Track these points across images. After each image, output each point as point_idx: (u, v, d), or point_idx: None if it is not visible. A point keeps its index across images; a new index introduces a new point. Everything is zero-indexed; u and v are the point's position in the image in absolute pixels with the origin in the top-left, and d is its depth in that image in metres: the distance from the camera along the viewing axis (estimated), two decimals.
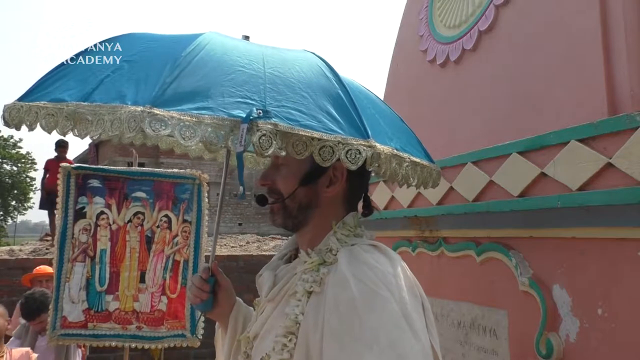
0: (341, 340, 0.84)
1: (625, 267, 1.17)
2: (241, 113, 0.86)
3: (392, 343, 0.82)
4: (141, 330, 3.02)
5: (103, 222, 3.07)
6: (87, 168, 3.15)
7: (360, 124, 0.95)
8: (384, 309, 0.86)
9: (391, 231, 2.14)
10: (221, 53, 0.98)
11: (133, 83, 0.90)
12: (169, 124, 0.83)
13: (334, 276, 0.93)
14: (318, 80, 1.00)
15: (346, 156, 0.90)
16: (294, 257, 1.09)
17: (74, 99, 0.90)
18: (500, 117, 1.69)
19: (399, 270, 0.94)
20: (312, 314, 0.92)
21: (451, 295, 1.77)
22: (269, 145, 0.85)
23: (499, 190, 1.50)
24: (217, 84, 0.91)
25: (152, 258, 3.11)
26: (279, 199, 1.04)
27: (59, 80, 0.96)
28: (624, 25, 1.30)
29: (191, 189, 3.19)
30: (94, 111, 0.87)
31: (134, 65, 0.95)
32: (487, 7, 1.81)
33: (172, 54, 0.94)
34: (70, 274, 2.98)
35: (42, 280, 4.08)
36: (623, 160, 1.13)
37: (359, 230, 1.06)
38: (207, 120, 0.84)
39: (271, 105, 0.89)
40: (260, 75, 0.94)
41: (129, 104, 0.85)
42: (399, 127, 1.23)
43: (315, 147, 0.89)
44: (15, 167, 27.72)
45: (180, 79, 0.89)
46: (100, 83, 0.92)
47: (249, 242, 8.66)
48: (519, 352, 1.45)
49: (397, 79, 2.47)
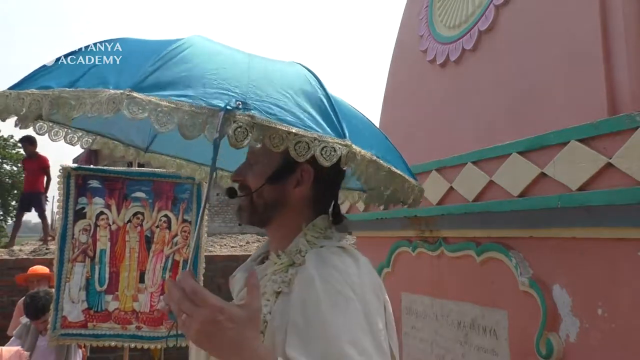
0: (305, 339, 0.86)
1: (625, 267, 1.17)
2: (220, 103, 0.87)
3: (354, 342, 0.84)
4: (140, 330, 3.02)
5: (103, 223, 3.07)
6: (87, 169, 3.16)
7: (338, 126, 0.97)
8: (347, 309, 0.88)
9: (391, 231, 2.14)
10: (207, 52, 0.99)
11: (117, 72, 0.92)
12: (146, 108, 0.83)
13: (301, 277, 0.95)
14: (302, 86, 1.01)
15: (321, 152, 0.91)
16: (267, 259, 1.11)
17: (60, 86, 0.92)
18: (500, 117, 1.69)
19: (363, 272, 0.96)
20: (279, 313, 0.94)
21: (451, 295, 1.77)
22: (244, 137, 0.85)
23: (499, 190, 1.50)
24: (200, 76, 0.91)
25: (151, 258, 3.11)
26: (247, 194, 1.07)
27: (49, 73, 0.99)
28: (624, 25, 1.30)
29: (190, 188, 3.19)
30: (76, 95, 0.89)
31: (122, 59, 0.97)
32: (487, 7, 1.81)
33: (158, 49, 0.96)
34: (70, 274, 2.99)
35: (33, 281, 4.09)
36: (623, 160, 1.13)
37: (328, 232, 1.08)
38: (185, 108, 0.85)
39: (252, 99, 0.90)
40: (245, 75, 0.95)
41: (110, 88, 0.87)
42: (385, 144, 1.25)
43: (291, 142, 0.90)
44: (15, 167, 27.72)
45: (164, 69, 0.91)
46: (86, 72, 0.95)
47: (249, 242, 8.66)
48: (519, 352, 1.45)
49: (397, 79, 2.47)
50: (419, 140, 2.11)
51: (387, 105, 2.52)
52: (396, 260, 2.11)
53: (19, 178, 27.65)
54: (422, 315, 1.92)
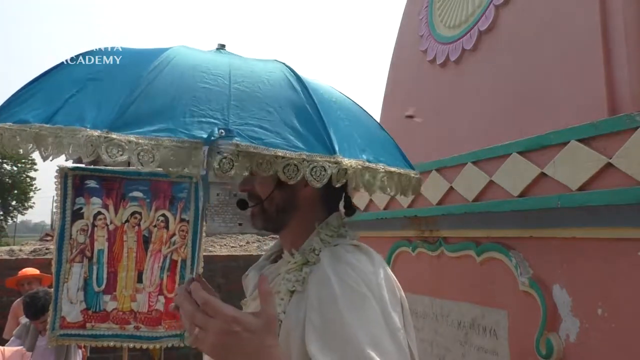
0: (323, 338, 0.85)
1: (625, 267, 1.17)
2: (202, 133, 0.85)
3: (372, 340, 0.83)
4: (139, 330, 3.01)
5: (100, 223, 3.06)
6: (84, 169, 3.14)
7: (327, 139, 0.94)
8: (364, 307, 0.87)
9: (391, 231, 2.14)
10: (185, 69, 0.96)
11: (95, 104, 0.89)
12: (126, 149, 0.82)
13: (316, 275, 0.94)
14: (285, 94, 0.99)
15: (311, 174, 0.89)
16: (280, 258, 1.10)
17: (38, 120, 0.89)
18: (500, 117, 1.69)
19: (379, 270, 0.96)
20: (294, 312, 0.94)
21: (451, 295, 1.77)
22: (230, 167, 0.83)
23: (499, 190, 1.50)
24: (179, 103, 0.89)
25: (149, 258, 3.10)
26: (258, 203, 1.06)
27: (27, 100, 0.95)
28: (624, 25, 1.29)
29: (188, 187, 3.18)
30: (54, 133, 0.87)
31: (98, 84, 0.94)
32: (487, 7, 1.81)
33: (135, 72, 0.93)
34: (68, 274, 2.97)
35: (24, 283, 4.06)
36: (623, 160, 1.13)
37: (342, 230, 1.07)
38: (166, 143, 0.83)
39: (234, 124, 0.87)
40: (225, 92, 0.93)
41: (88, 127, 0.85)
42: (376, 135, 1.22)
43: (279, 166, 0.88)
44: (15, 167, 27.70)
45: (141, 100, 0.88)
46: (64, 103, 0.91)
47: (249, 242, 8.67)
48: (519, 352, 1.45)
49: (397, 79, 2.46)
50: (419, 140, 2.11)
51: (387, 105, 2.52)
52: (396, 260, 2.11)
53: (19, 178, 27.64)
54: (422, 315, 1.92)
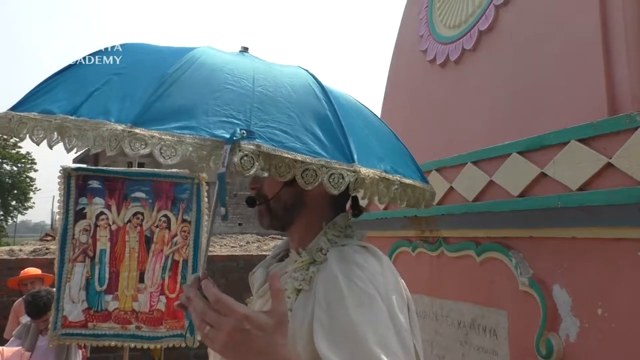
0: (332, 337, 0.86)
1: (625, 267, 1.17)
2: (224, 133, 0.85)
3: (380, 340, 0.84)
4: (140, 330, 3.02)
5: (103, 223, 3.08)
6: (87, 169, 3.16)
7: (346, 147, 0.95)
8: (371, 307, 0.88)
9: (391, 231, 2.14)
10: (210, 70, 0.97)
11: (119, 99, 0.90)
12: (149, 143, 0.83)
13: (324, 275, 0.95)
14: (307, 100, 0.99)
15: (329, 180, 0.90)
16: (287, 257, 1.11)
17: (62, 112, 0.90)
18: (500, 117, 1.69)
19: (387, 271, 0.97)
20: (300, 310, 0.94)
21: (451, 295, 1.77)
22: (251, 165, 0.84)
23: (499, 190, 1.50)
24: (202, 102, 0.90)
25: (151, 258, 3.11)
26: (265, 201, 1.07)
27: (51, 90, 0.96)
28: (624, 25, 1.30)
29: (190, 188, 3.19)
30: (79, 126, 0.87)
31: (124, 79, 0.95)
32: (487, 7, 1.81)
33: (161, 70, 0.94)
34: (70, 274, 2.99)
35: (27, 283, 4.06)
36: (623, 160, 1.13)
37: (349, 230, 1.08)
38: (188, 140, 0.84)
39: (256, 126, 0.88)
40: (249, 94, 0.93)
41: (112, 120, 0.86)
42: (393, 146, 1.22)
43: (298, 170, 0.89)
44: (15, 167, 27.74)
45: (165, 97, 0.89)
46: (89, 96, 0.92)
47: (249, 242, 8.67)
48: (519, 352, 1.45)
49: (397, 79, 2.47)
50: (419, 140, 2.11)
51: (387, 105, 2.52)
52: (396, 260, 2.11)
53: (19, 178, 27.67)
54: (422, 315, 1.92)
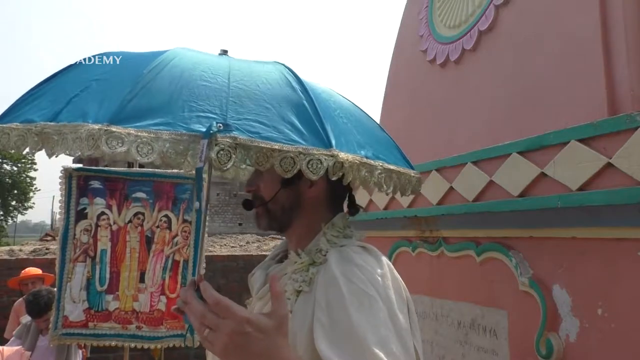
0: (332, 338, 0.86)
1: (625, 267, 1.17)
2: (201, 127, 0.86)
3: (380, 341, 0.84)
4: (141, 330, 3.02)
5: (103, 223, 3.08)
6: (89, 170, 3.16)
7: (323, 134, 0.96)
8: (371, 307, 0.88)
9: (391, 231, 2.14)
10: (186, 68, 0.98)
11: (97, 102, 0.92)
12: (125, 141, 0.84)
13: (324, 276, 0.95)
14: (283, 91, 1.00)
15: (307, 166, 0.90)
16: (286, 258, 1.11)
17: (43, 119, 0.92)
18: (500, 117, 1.69)
19: (386, 272, 0.97)
20: (301, 312, 0.94)
21: (451, 295, 1.77)
22: (228, 159, 0.85)
23: (499, 190, 1.50)
24: (178, 98, 0.91)
25: (151, 258, 3.11)
26: (263, 204, 1.07)
27: (34, 100, 0.98)
28: (624, 25, 1.30)
29: (191, 189, 3.19)
30: (59, 130, 0.89)
31: (102, 84, 0.96)
32: (487, 7, 1.81)
33: (137, 70, 0.95)
34: (71, 274, 2.99)
35: (27, 283, 4.06)
36: (623, 160, 1.13)
37: (348, 231, 1.08)
38: (164, 136, 0.85)
39: (232, 119, 0.89)
40: (224, 89, 0.94)
41: (89, 122, 0.87)
42: (377, 136, 1.22)
43: (276, 159, 0.89)
44: (15, 167, 27.75)
45: (141, 95, 0.90)
46: (68, 102, 0.94)
47: (249, 242, 8.67)
48: (519, 352, 1.45)
49: (397, 79, 2.47)
50: (419, 140, 2.12)
51: (387, 105, 2.52)
52: (396, 260, 2.11)
53: (19, 178, 27.69)
54: (422, 316, 1.92)
